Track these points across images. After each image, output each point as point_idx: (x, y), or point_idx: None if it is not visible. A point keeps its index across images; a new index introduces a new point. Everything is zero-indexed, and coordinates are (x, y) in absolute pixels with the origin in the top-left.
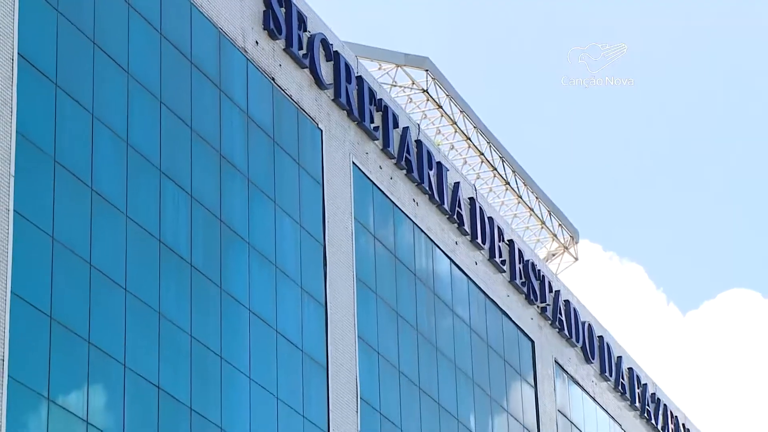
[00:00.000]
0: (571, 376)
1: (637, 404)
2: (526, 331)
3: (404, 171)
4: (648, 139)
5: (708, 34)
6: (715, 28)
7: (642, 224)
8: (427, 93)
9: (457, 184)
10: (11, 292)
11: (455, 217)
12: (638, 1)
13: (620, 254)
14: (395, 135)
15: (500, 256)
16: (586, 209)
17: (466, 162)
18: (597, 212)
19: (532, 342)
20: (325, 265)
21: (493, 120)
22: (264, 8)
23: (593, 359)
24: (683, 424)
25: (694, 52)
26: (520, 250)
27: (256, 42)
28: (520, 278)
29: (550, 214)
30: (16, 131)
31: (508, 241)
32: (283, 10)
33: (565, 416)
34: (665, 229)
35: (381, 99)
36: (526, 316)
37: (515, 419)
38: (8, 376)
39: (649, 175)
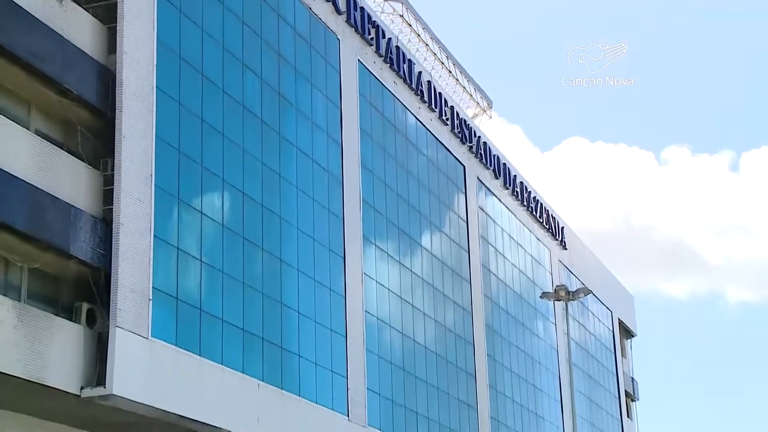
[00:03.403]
0: (487, 187)
1: (525, 203)
2: (460, 160)
3: (389, 65)
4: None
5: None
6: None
7: (520, 99)
8: (403, 17)
9: (420, 73)
10: (155, 135)
11: (419, 93)
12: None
13: (508, 120)
14: (383, 43)
15: (445, 115)
16: (494, 88)
17: (425, 59)
18: (500, 91)
19: (464, 166)
20: (341, 120)
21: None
22: None
23: (500, 176)
24: (552, 215)
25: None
26: (457, 112)
27: None
28: (457, 129)
29: (475, 90)
30: (156, 38)
31: (450, 106)
32: None
33: (483, 211)
34: (533, 99)
35: (375, 21)
36: (461, 151)
37: (455, 213)
38: (155, 185)
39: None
